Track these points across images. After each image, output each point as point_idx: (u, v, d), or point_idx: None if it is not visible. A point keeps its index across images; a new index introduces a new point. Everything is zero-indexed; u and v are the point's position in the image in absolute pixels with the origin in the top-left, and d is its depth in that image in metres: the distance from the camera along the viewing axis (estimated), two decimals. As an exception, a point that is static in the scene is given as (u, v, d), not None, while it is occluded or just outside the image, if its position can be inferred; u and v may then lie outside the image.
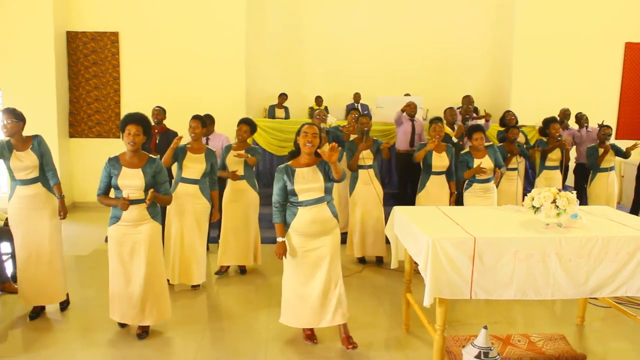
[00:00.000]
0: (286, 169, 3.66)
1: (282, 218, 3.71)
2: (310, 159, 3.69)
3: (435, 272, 3.10)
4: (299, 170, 3.65)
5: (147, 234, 3.80)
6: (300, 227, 3.64)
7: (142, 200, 3.73)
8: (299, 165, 3.68)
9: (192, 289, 4.98)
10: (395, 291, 4.89)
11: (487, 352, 3.10)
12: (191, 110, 5.88)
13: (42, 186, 4.16)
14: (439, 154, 5.54)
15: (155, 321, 3.97)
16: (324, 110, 7.95)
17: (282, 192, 3.67)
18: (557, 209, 3.34)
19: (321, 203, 3.65)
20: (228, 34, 8.88)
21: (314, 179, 3.62)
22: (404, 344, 3.94)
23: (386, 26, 10.52)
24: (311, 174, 3.63)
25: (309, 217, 3.62)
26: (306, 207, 3.63)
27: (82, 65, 8.74)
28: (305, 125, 3.68)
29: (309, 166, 3.67)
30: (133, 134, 3.67)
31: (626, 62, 9.59)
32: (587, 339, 4.12)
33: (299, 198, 3.63)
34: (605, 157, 6.53)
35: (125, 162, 3.75)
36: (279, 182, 3.67)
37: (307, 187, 3.61)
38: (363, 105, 9.97)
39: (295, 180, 3.61)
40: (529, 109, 8.70)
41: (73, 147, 8.81)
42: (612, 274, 3.22)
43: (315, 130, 3.65)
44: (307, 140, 3.63)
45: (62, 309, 4.43)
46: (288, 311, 3.84)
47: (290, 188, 3.62)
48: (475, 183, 5.41)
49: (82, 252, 6.21)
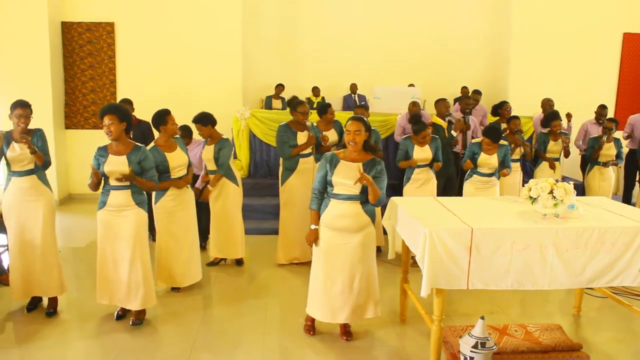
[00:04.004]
0: (332, 158, 3.60)
1: (318, 205, 3.66)
2: (358, 155, 3.60)
3: (432, 262, 3.11)
4: (343, 163, 3.57)
5: (132, 219, 3.93)
6: (329, 220, 3.60)
7: (127, 187, 3.89)
8: (345, 157, 3.60)
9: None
10: (391, 282, 4.90)
11: (484, 342, 3.11)
12: (187, 101, 5.86)
13: (37, 179, 4.13)
14: (421, 147, 5.40)
15: (140, 305, 4.01)
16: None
17: (322, 180, 3.61)
18: (554, 200, 3.35)
19: (354, 201, 3.56)
20: (224, 24, 8.82)
21: (354, 176, 3.46)
22: (401, 335, 3.95)
23: (383, 16, 10.47)
24: (354, 170, 3.49)
25: (338, 211, 3.56)
26: (338, 200, 3.57)
27: (78, 56, 8.67)
28: (349, 122, 3.59)
29: (355, 161, 3.56)
30: (107, 125, 3.83)
31: (624, 53, 9.56)
32: (583, 329, 4.14)
33: (334, 190, 3.57)
34: (603, 151, 6.47)
35: (112, 150, 3.91)
36: (322, 169, 3.61)
37: (345, 181, 3.52)
38: (360, 96, 9.95)
39: (336, 171, 3.54)
40: (526, 99, 8.68)
41: (69, 139, 8.76)
42: (608, 264, 3.24)
43: (358, 127, 3.53)
44: (350, 139, 3.55)
45: (49, 313, 4.18)
46: (312, 301, 3.81)
47: (330, 178, 3.56)
48: (475, 174, 5.39)
49: (78, 243, 6.20)
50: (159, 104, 5.24)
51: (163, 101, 6.26)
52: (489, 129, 5.34)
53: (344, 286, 3.64)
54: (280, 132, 5.27)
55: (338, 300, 3.66)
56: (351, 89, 10.01)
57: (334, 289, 3.66)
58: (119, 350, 3.66)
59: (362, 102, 9.57)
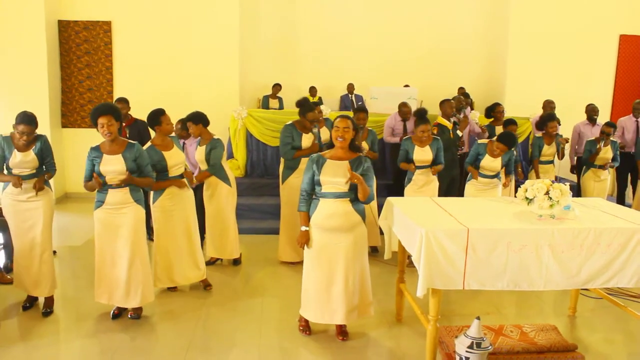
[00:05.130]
0: (318, 158, 3.62)
1: (307, 207, 3.67)
2: (344, 153, 3.63)
3: (428, 263, 3.11)
4: (330, 162, 3.59)
5: (130, 217, 3.93)
6: (319, 220, 3.60)
7: (124, 185, 3.88)
8: (332, 157, 3.63)
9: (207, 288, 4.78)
10: (387, 282, 4.90)
11: (479, 343, 3.12)
12: (185, 100, 5.85)
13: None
14: (421, 148, 5.37)
15: (139, 303, 4.03)
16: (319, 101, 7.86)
17: (310, 182, 3.63)
18: (550, 201, 3.36)
19: (343, 198, 3.57)
20: (222, 24, 8.81)
21: (342, 174, 3.51)
22: (397, 335, 3.96)
23: (381, 17, 10.48)
24: (341, 168, 3.53)
25: (328, 211, 3.57)
26: (327, 200, 3.58)
27: (75, 54, 8.65)
28: (337, 119, 3.61)
29: (341, 160, 3.59)
30: (107, 125, 3.79)
31: (620, 55, 9.61)
32: (579, 330, 4.16)
33: (322, 189, 3.58)
34: (600, 155, 6.48)
35: (106, 149, 3.89)
36: (309, 171, 3.63)
37: (332, 180, 3.54)
38: (357, 96, 9.96)
39: (322, 170, 3.56)
40: (523, 100, 8.71)
41: (66, 138, 8.74)
42: (604, 265, 3.25)
43: (347, 124, 3.57)
44: (338, 135, 3.57)
45: (45, 313, 4.16)
46: (306, 303, 3.81)
47: (317, 178, 3.57)
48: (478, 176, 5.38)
49: (74, 242, 6.18)
50: (156, 103, 5.22)
51: (160, 100, 6.25)
52: (504, 135, 5.24)
53: (340, 287, 3.64)
54: (284, 131, 5.26)
55: (334, 301, 3.66)
56: (348, 89, 10.02)
57: (329, 290, 3.66)
58: (116, 349, 3.65)
59: (359, 102, 9.58)
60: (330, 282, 3.65)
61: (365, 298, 3.79)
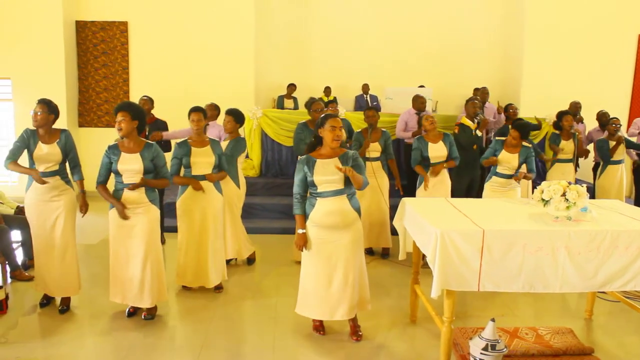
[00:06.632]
0: (307, 160, 3.64)
1: (302, 209, 3.69)
2: (333, 151, 3.66)
3: (443, 264, 3.10)
4: (320, 162, 3.62)
5: (145, 217, 3.95)
6: (318, 219, 3.62)
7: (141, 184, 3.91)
8: (320, 156, 3.66)
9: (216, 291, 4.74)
10: (401, 283, 4.89)
11: (494, 345, 3.10)
12: (200, 100, 5.87)
13: (60, 179, 4.17)
14: (435, 144, 5.36)
15: (153, 303, 4.06)
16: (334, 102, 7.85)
17: (302, 184, 3.66)
18: (567, 202, 3.32)
19: (340, 195, 3.61)
20: (237, 24, 8.87)
21: (334, 171, 3.56)
22: (411, 336, 3.95)
23: (394, 17, 10.46)
24: (332, 165, 3.58)
25: (326, 209, 3.59)
26: (325, 198, 3.60)
27: (92, 54, 8.76)
28: (330, 119, 3.62)
29: (330, 158, 3.63)
30: (119, 121, 3.87)
31: (639, 54, 9.47)
32: (595, 333, 4.11)
33: (318, 189, 3.61)
34: (617, 149, 6.47)
35: (124, 148, 3.95)
36: (299, 173, 3.66)
37: (327, 178, 3.57)
38: (372, 96, 9.94)
39: (315, 171, 3.58)
40: (539, 100, 8.63)
41: (82, 137, 8.83)
42: (621, 267, 3.20)
43: (340, 123, 3.63)
44: (335, 135, 3.59)
45: (61, 310, 4.21)
46: (303, 301, 3.84)
47: (310, 179, 3.60)
48: (494, 176, 5.32)
49: (91, 241, 6.26)
50: (172, 102, 5.29)
51: (175, 100, 6.31)
52: (519, 123, 5.23)
53: (341, 283, 3.66)
54: (297, 130, 5.39)
55: (335, 297, 3.68)
56: (363, 90, 10.01)
57: (330, 287, 3.68)
58: (130, 347, 3.68)
59: (374, 103, 9.56)
60: (330, 278, 3.68)
61: (365, 292, 3.83)
